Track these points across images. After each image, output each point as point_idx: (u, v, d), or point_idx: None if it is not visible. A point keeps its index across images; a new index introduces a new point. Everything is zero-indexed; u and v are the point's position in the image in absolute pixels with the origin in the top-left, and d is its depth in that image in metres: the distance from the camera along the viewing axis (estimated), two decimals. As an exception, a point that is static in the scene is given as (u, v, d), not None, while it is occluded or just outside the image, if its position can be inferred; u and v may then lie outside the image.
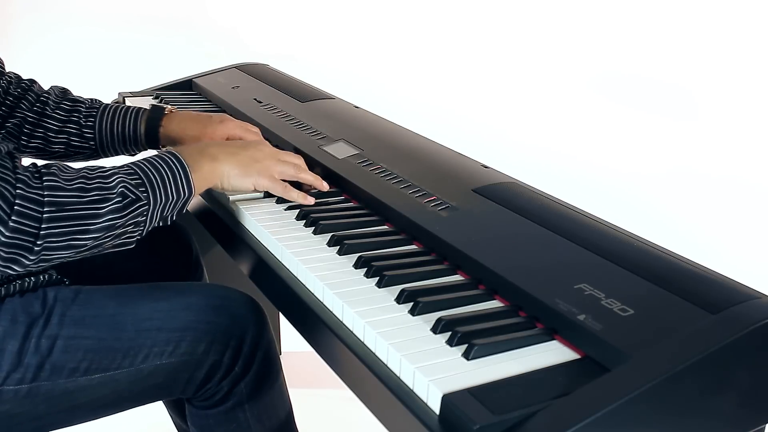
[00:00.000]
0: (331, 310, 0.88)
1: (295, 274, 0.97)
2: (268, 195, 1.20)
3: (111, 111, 1.33)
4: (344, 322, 0.86)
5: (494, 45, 2.95)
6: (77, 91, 1.38)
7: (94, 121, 1.31)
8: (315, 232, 1.06)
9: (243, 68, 1.96)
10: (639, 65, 2.80)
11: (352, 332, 0.84)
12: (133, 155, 1.37)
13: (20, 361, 0.95)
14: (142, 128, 1.33)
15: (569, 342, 0.79)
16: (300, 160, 1.20)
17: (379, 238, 1.05)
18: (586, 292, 0.81)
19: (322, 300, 0.90)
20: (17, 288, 0.99)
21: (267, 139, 1.49)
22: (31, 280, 1.01)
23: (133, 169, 0.98)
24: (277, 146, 1.25)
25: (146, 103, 1.79)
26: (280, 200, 1.17)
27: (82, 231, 0.90)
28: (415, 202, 1.08)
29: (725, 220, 2.53)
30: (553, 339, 0.80)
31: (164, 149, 1.00)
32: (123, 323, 1.01)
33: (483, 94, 2.92)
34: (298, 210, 1.13)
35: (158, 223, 1.01)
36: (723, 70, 2.67)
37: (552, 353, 0.77)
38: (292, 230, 1.07)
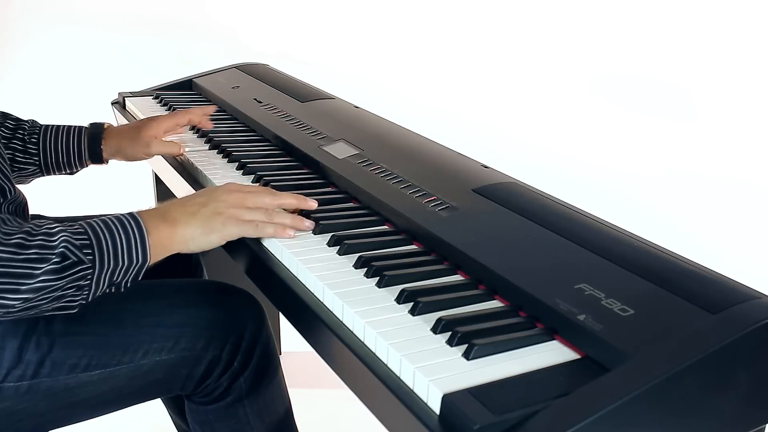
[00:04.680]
0: (331, 310, 0.88)
1: (295, 274, 0.97)
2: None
3: (53, 130, 1.36)
4: (344, 322, 0.86)
5: (494, 45, 2.95)
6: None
7: (38, 139, 1.34)
8: (315, 232, 1.06)
9: (243, 68, 1.96)
10: (639, 66, 2.80)
11: (352, 332, 0.84)
12: (72, 174, 1.40)
13: (21, 358, 0.95)
14: (85, 144, 1.36)
15: (569, 342, 0.79)
16: (270, 191, 1.06)
17: (379, 238, 1.05)
18: (586, 292, 0.81)
19: (322, 300, 0.90)
20: None
21: (264, 140, 1.49)
22: None
23: (83, 228, 0.90)
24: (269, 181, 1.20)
25: (146, 103, 1.79)
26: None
27: (12, 290, 0.82)
28: (415, 202, 1.08)
29: (725, 221, 2.53)
30: (553, 339, 0.80)
31: (124, 213, 0.95)
32: (123, 320, 1.02)
33: (483, 94, 2.92)
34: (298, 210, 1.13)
35: (108, 289, 0.93)
36: (722, 70, 2.67)
37: (552, 353, 0.77)
38: (292, 230, 1.07)
